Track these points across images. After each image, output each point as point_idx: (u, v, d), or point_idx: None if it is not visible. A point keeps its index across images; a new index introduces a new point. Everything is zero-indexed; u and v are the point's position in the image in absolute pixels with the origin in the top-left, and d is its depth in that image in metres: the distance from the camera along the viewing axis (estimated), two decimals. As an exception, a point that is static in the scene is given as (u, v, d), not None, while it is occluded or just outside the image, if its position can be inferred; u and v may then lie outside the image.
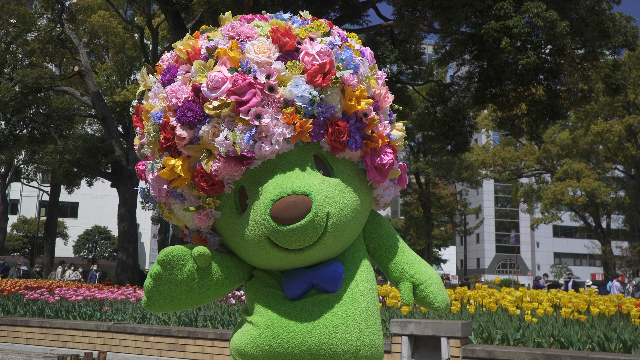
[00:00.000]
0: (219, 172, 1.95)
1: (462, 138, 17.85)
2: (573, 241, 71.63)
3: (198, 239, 2.18)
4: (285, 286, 2.05)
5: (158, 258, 1.96)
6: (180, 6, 14.70)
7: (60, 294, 10.16)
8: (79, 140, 19.86)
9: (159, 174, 2.03)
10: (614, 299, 6.76)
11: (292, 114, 1.93)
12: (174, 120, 1.96)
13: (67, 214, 49.80)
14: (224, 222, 2.10)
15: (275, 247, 1.95)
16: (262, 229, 1.94)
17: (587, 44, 14.68)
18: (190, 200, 2.07)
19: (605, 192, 35.77)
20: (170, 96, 1.97)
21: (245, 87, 1.91)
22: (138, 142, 2.23)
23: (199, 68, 2.00)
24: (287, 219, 1.87)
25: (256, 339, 2.02)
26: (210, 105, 1.91)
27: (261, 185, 1.97)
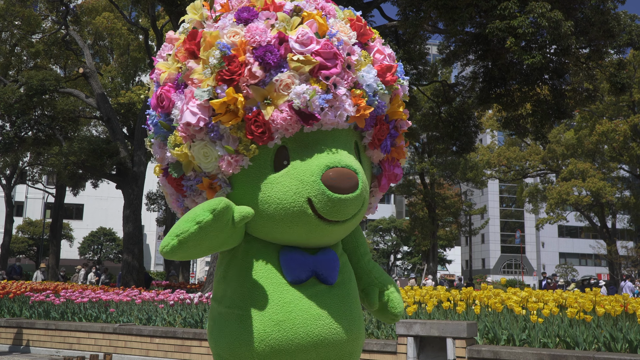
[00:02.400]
0: (276, 122, 1.95)
1: (466, 138, 17.81)
2: (578, 241, 71.45)
3: (207, 184, 2.06)
4: (289, 268, 2.05)
5: (211, 207, 1.86)
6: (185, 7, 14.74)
7: (66, 295, 10.18)
8: (84, 142, 19.90)
9: (211, 103, 1.95)
10: (620, 299, 6.73)
11: (359, 97, 2.04)
12: (251, 57, 1.95)
13: (72, 215, 49.96)
14: (251, 175, 2.03)
15: (312, 212, 1.96)
16: (307, 189, 1.94)
17: (592, 44, 14.63)
18: (227, 140, 2.00)
19: (611, 191, 35.62)
20: (254, 33, 1.97)
21: (330, 55, 2.01)
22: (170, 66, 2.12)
23: (284, 20, 2.04)
24: (339, 187, 1.92)
25: (260, 334, 1.98)
26: (295, 57, 1.96)
27: (310, 150, 2.00)
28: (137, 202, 20.16)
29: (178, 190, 2.14)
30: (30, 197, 50.09)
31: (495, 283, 28.58)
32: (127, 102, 25.57)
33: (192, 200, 2.13)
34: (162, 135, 2.13)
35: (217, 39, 1.98)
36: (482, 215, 57.37)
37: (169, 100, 2.06)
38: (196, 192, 2.09)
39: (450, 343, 5.52)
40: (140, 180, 20.39)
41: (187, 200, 2.15)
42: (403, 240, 53.20)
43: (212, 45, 1.98)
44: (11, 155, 25.84)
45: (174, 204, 2.23)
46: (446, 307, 7.05)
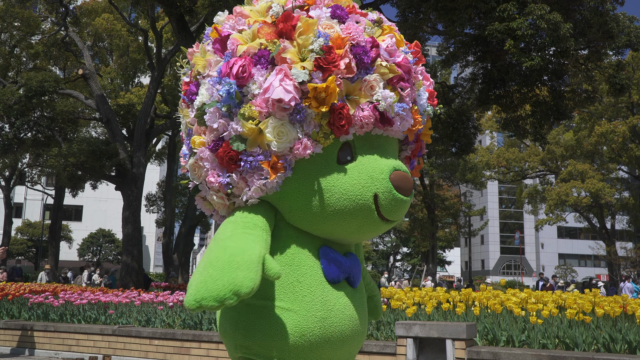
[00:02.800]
0: (356, 120, 2.07)
1: (466, 139, 17.81)
2: (578, 242, 71.47)
3: (274, 163, 2.05)
4: (330, 267, 2.14)
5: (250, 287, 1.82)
6: (184, 9, 14.74)
7: (65, 297, 10.17)
8: (83, 143, 19.87)
9: (312, 86, 1.99)
10: (619, 300, 6.73)
11: (416, 112, 2.26)
12: (349, 53, 2.04)
13: (71, 217, 49.90)
14: (317, 163, 2.09)
15: (374, 208, 2.07)
16: (376, 185, 2.06)
17: (590, 45, 14.64)
18: (309, 125, 2.04)
19: (610, 192, 35.65)
20: (354, 32, 2.08)
21: (407, 69, 2.20)
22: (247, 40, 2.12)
23: (372, 29, 2.17)
24: (404, 188, 2.08)
25: (302, 329, 2.03)
26: (384, 63, 2.11)
27: (376, 151, 2.15)
28: (136, 204, 20.15)
29: (225, 164, 2.09)
30: (29, 198, 50.06)
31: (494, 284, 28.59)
32: (126, 104, 25.56)
33: (244, 177, 2.10)
34: (227, 106, 2.08)
35: (313, 27, 2.05)
36: (481, 217, 57.43)
37: (249, 73, 2.06)
38: (255, 169, 2.07)
39: (449, 344, 5.52)
40: (140, 181, 20.38)
41: (235, 175, 2.10)
42: (402, 241, 53.20)
43: (308, 32, 2.04)
44: (10, 156, 25.81)
45: (211, 178, 2.14)
46: (445, 309, 7.05)
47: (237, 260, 1.87)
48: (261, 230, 2.05)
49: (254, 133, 2.04)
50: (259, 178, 2.07)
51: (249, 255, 1.89)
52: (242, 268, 1.84)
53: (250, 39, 2.13)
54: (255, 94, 2.04)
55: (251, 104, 2.03)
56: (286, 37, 2.06)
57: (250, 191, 2.10)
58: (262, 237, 2.03)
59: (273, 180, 2.05)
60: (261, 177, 2.07)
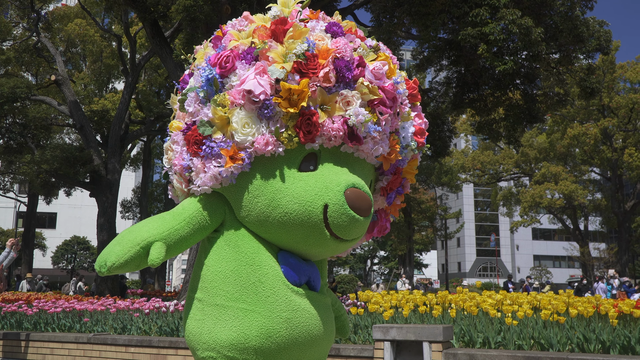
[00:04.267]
0: (324, 129, 2.07)
1: (441, 143, 17.97)
2: (552, 243, 72.46)
3: (234, 152, 2.08)
4: (291, 270, 2.13)
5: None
6: (158, 14, 14.63)
7: (39, 306, 10.00)
8: (57, 150, 19.61)
9: (283, 84, 2.02)
10: (592, 300, 6.84)
11: (395, 142, 2.27)
12: (331, 64, 2.07)
13: (45, 224, 49.10)
14: (277, 164, 2.10)
15: (322, 219, 2.04)
16: (328, 195, 2.03)
17: (562, 49, 14.88)
18: (273, 122, 2.07)
19: (583, 194, 36.23)
20: (341, 46, 2.11)
21: (391, 96, 2.21)
22: (242, 38, 2.21)
23: (365, 49, 2.23)
24: (356, 207, 2.03)
25: (268, 330, 2.02)
26: (366, 83, 2.12)
27: (339, 166, 2.13)
28: (111, 210, 19.92)
29: (191, 148, 2.15)
30: (2, 206, 49.07)
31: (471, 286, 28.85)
32: (100, 110, 25.27)
33: (203, 162, 2.13)
34: (206, 92, 2.14)
35: (305, 35, 2.10)
36: (457, 219, 57.90)
37: (232, 65, 2.12)
38: (215, 155, 2.10)
39: (426, 347, 5.55)
40: (115, 188, 20.16)
41: (196, 159, 2.14)
42: (379, 244, 53.41)
43: (299, 38, 2.09)
44: (-19, 164, 25.35)
45: (175, 161, 2.23)
46: (422, 311, 7.10)
47: (125, 237, 2.04)
48: (181, 219, 2.11)
49: (222, 121, 2.09)
50: (216, 165, 2.10)
51: (134, 236, 2.03)
52: (121, 244, 2.02)
53: (246, 37, 2.21)
54: (234, 86, 2.10)
55: (227, 93, 2.09)
56: (276, 39, 2.12)
57: (205, 177, 2.12)
58: (172, 225, 2.09)
59: (228, 169, 2.07)
60: (218, 165, 2.10)
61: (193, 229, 2.11)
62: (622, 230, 36.21)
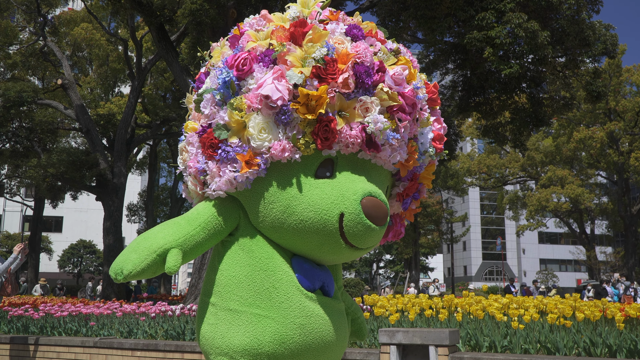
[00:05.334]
0: (343, 136, 2.04)
1: (447, 146, 17.91)
2: (558, 247, 72.17)
3: (250, 157, 2.05)
4: (305, 275, 2.12)
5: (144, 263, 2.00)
6: (164, 18, 14.70)
7: (45, 310, 10.03)
8: (63, 153, 19.69)
9: (301, 90, 1.99)
10: (599, 304, 6.82)
11: (413, 149, 2.22)
12: (350, 69, 2.04)
13: (51, 228, 49.27)
14: (294, 170, 2.07)
15: (337, 227, 2.02)
16: (344, 204, 2.00)
17: (568, 53, 14.85)
18: (292, 130, 2.04)
19: (589, 198, 36.11)
20: (362, 51, 2.07)
21: (410, 102, 2.17)
22: (260, 38, 2.17)
23: (385, 53, 2.18)
24: (372, 216, 2.00)
25: (281, 336, 2.01)
26: (385, 89, 2.08)
27: (357, 174, 2.11)
28: (117, 214, 19.98)
29: (206, 151, 2.12)
30: (8, 210, 49.32)
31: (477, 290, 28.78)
32: (106, 114, 25.36)
33: (218, 166, 2.10)
34: (222, 94, 2.11)
35: (324, 38, 2.06)
36: (463, 223, 57.77)
37: (250, 67, 2.08)
38: (231, 160, 2.07)
39: (432, 351, 5.54)
40: (121, 191, 20.22)
41: (211, 163, 2.12)
42: (385, 248, 53.34)
43: (318, 41, 2.05)
44: (-12, 167, 25.49)
45: (190, 163, 2.20)
46: (428, 315, 7.08)
47: (140, 244, 2.03)
48: (197, 225, 2.09)
49: (239, 125, 2.05)
50: (231, 170, 2.07)
51: (150, 243, 2.01)
52: (137, 252, 2.00)
53: (263, 38, 2.16)
54: (250, 89, 2.06)
55: (243, 96, 2.05)
56: (295, 42, 2.08)
57: (220, 181, 2.09)
58: (188, 231, 2.07)
59: (244, 175, 2.04)
60: (234, 169, 2.07)
61: (208, 234, 2.10)
62: (629, 233, 36.04)
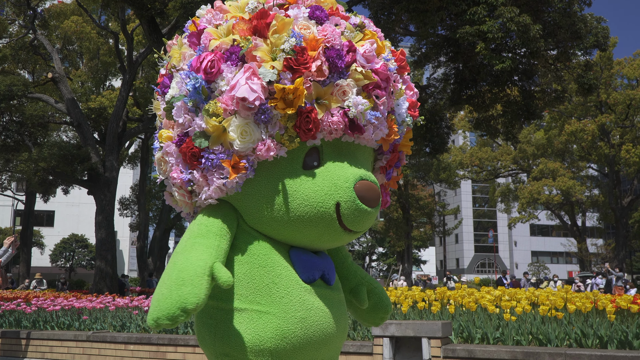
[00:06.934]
0: (324, 124, 2.00)
1: (439, 139, 17.98)
2: (550, 239, 72.62)
3: (235, 162, 2.00)
4: (304, 267, 2.10)
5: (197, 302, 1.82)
6: (155, 11, 14.61)
7: (38, 304, 10.01)
8: (54, 147, 19.56)
9: (277, 86, 1.92)
10: (590, 296, 6.87)
11: (393, 122, 2.19)
12: (322, 56, 1.98)
13: (43, 222, 49.03)
14: (281, 166, 2.04)
15: (335, 217, 2.01)
16: (339, 194, 2.01)
17: (559, 45, 14.89)
18: (274, 127, 1.98)
19: (580, 190, 36.31)
20: (330, 34, 2.01)
21: (384, 77, 2.12)
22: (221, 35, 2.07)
23: (351, 31, 2.11)
24: (369, 199, 2.01)
25: (283, 331, 1.99)
26: (359, 69, 2.03)
27: (343, 159, 2.09)
28: (109, 208, 19.90)
29: (188, 160, 2.04)
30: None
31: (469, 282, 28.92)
32: (97, 107, 25.21)
33: (205, 174, 2.04)
34: (194, 101, 2.03)
35: (288, 26, 1.99)
36: (455, 216, 57.97)
37: (218, 69, 2.00)
38: (217, 167, 2.01)
39: (425, 343, 5.57)
40: (113, 185, 20.14)
41: (196, 172, 2.04)
42: (378, 241, 53.48)
43: (283, 31, 1.98)
44: (-21, 162, 25.29)
45: (174, 174, 2.10)
46: (421, 307, 7.11)
47: (182, 276, 1.86)
48: (214, 236, 2.01)
49: (218, 131, 1.99)
50: (219, 177, 2.02)
51: (194, 269, 1.88)
52: (187, 284, 1.84)
53: (225, 34, 2.07)
54: (223, 91, 1.98)
55: (217, 100, 1.98)
56: (260, 35, 2.00)
57: (209, 190, 2.04)
58: (213, 244, 1.98)
59: (233, 180, 2.00)
60: (221, 177, 2.02)
61: (226, 240, 2.04)
62: (620, 226, 36.29)
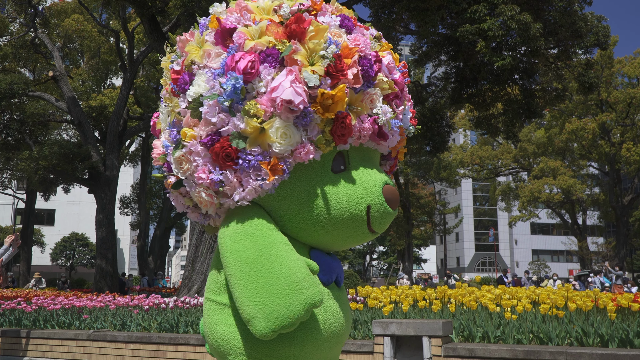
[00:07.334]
0: (355, 130, 2.08)
1: (440, 138, 17.97)
2: (550, 238, 72.63)
3: (274, 164, 2.00)
4: (324, 269, 2.14)
5: (317, 299, 1.90)
6: (156, 9, 14.59)
7: (38, 303, 10.01)
8: (55, 146, 19.58)
9: (324, 92, 1.98)
10: (591, 294, 6.87)
11: (402, 130, 2.31)
12: (357, 63, 2.07)
13: (43, 221, 49.05)
14: (314, 170, 2.07)
15: (366, 219, 2.10)
16: (370, 197, 2.10)
17: (560, 44, 14.87)
18: (310, 129, 2.02)
19: (581, 189, 36.31)
20: (363, 44, 2.11)
21: (402, 87, 2.27)
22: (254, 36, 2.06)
23: (373, 43, 2.21)
24: (393, 202, 2.14)
25: (306, 333, 2.01)
26: (385, 79, 2.15)
27: (367, 164, 2.20)
28: (110, 207, 19.91)
29: (220, 161, 2.01)
30: (0, 203, 49.11)
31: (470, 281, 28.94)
32: (98, 106, 25.24)
33: (239, 175, 2.02)
34: (230, 100, 1.99)
35: (323, 33, 2.04)
36: (456, 214, 57.96)
37: (257, 70, 2.00)
38: (254, 168, 2.00)
39: (426, 342, 5.57)
40: (113, 184, 20.15)
41: (229, 173, 2.02)
42: (378, 240, 53.49)
43: (318, 37, 2.03)
44: (-21, 160, 25.28)
45: (201, 174, 2.05)
46: (422, 306, 7.11)
47: (294, 279, 1.90)
48: (277, 232, 2.03)
49: (256, 132, 1.98)
50: (255, 178, 2.01)
51: (302, 272, 1.92)
52: (307, 285, 1.90)
53: (256, 35, 2.06)
54: (261, 92, 1.98)
55: (256, 101, 1.97)
56: (299, 39, 2.02)
57: (244, 192, 2.03)
58: (285, 239, 2.01)
59: (270, 182, 2.00)
60: (258, 178, 2.01)
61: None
62: (620, 224, 36.29)
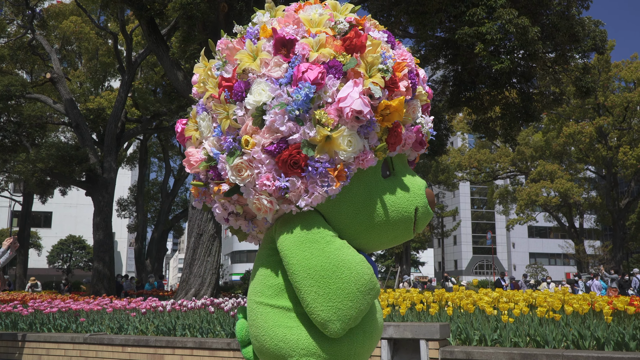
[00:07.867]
0: (404, 138, 2.24)
1: (438, 141, 18.00)
2: (548, 241, 72.70)
3: (342, 169, 2.07)
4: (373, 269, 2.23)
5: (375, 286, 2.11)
6: (155, 12, 14.59)
7: (34, 306, 9.98)
8: (52, 148, 19.53)
9: (385, 102, 2.11)
10: (587, 298, 6.87)
11: (426, 136, 2.45)
12: (406, 76, 2.22)
13: (40, 224, 48.97)
14: (368, 175, 2.20)
15: (413, 221, 2.26)
16: (417, 200, 2.26)
17: (557, 48, 14.91)
18: (371, 137, 2.14)
19: (578, 192, 36.36)
20: (408, 59, 2.30)
21: (430, 98, 2.45)
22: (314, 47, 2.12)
23: None
24: (433, 204, 2.34)
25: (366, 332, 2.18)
26: (423, 92, 2.34)
27: (407, 169, 2.37)
28: (107, 209, 19.88)
29: (287, 168, 2.06)
30: (-3, 205, 49.01)
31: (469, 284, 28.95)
32: (96, 108, 25.19)
33: (305, 182, 2.08)
34: (301, 109, 2.05)
35: (377, 47, 2.19)
36: (454, 217, 58.01)
37: (324, 81, 2.08)
38: (322, 175, 2.07)
39: (423, 345, 5.57)
40: (111, 186, 20.13)
41: (295, 180, 2.07)
42: (376, 243, 53.36)
43: (374, 51, 2.17)
44: (-24, 162, 25.23)
45: (266, 182, 2.10)
46: (419, 309, 7.11)
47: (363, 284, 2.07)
48: (337, 236, 2.16)
49: (323, 140, 2.06)
50: (322, 185, 2.08)
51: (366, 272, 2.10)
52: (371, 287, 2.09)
53: (315, 47, 2.13)
54: (328, 102, 2.07)
55: (324, 111, 2.05)
56: (358, 53, 2.13)
57: (310, 198, 2.10)
58: (345, 242, 2.14)
59: (337, 188, 2.09)
60: (324, 184, 2.08)
61: None
62: (617, 227, 36.34)
